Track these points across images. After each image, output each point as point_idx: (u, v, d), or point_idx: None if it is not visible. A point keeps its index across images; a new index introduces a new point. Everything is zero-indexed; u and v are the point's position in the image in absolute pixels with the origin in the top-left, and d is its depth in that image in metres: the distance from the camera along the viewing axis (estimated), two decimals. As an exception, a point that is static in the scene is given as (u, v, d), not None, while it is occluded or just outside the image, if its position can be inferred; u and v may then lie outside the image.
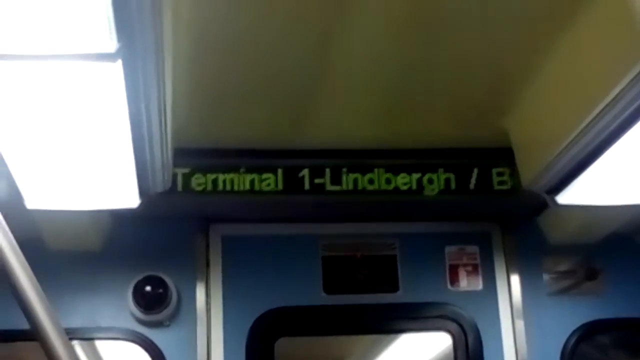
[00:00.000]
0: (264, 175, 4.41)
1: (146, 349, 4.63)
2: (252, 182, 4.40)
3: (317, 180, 4.45)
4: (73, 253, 4.61)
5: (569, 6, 3.21)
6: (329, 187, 4.46)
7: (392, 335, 5.54)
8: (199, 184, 4.38)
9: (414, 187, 4.50)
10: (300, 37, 3.41)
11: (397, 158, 4.50)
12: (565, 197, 4.03)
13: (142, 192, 3.74)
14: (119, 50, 2.43)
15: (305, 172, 4.45)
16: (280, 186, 4.43)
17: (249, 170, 4.41)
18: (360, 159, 4.48)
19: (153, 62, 2.63)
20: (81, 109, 2.93)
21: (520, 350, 4.78)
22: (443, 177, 4.52)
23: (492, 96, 3.99)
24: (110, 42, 2.39)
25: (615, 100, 3.14)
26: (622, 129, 3.33)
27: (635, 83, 2.98)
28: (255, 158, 4.43)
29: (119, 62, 2.51)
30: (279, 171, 4.43)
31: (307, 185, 4.44)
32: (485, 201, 4.65)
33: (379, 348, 5.96)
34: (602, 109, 3.24)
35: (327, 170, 4.46)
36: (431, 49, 3.56)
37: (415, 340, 5.49)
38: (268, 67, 3.64)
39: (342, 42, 3.46)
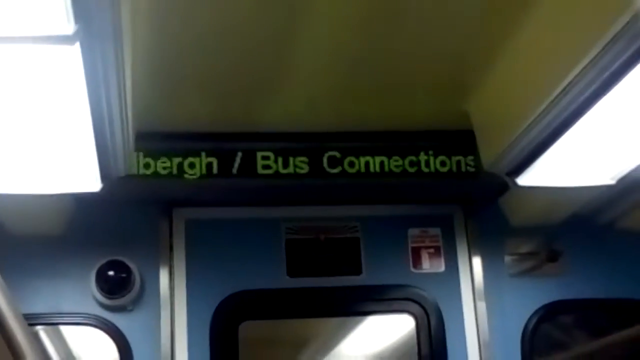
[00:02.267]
0: (226, 159, 4.41)
1: (109, 334, 4.61)
2: (214, 165, 4.39)
3: (279, 164, 4.45)
4: (35, 238, 4.57)
5: None
6: (291, 170, 4.46)
7: (357, 318, 5.56)
8: (162, 168, 4.36)
9: (377, 169, 4.51)
10: (259, 22, 3.41)
11: (357, 141, 4.50)
12: (526, 179, 4.07)
13: (104, 176, 3.73)
14: (76, 33, 2.42)
15: (267, 155, 4.44)
16: (242, 170, 4.42)
17: (210, 154, 4.39)
18: (321, 142, 4.48)
19: (111, 45, 2.62)
20: (40, 93, 2.91)
21: (482, 331, 4.81)
22: (404, 160, 4.53)
23: (453, 79, 4.01)
24: (67, 24, 2.38)
25: (574, 81, 3.17)
26: (581, 110, 3.36)
27: (594, 65, 3.02)
28: (218, 141, 4.41)
29: (77, 45, 2.49)
30: (241, 154, 4.42)
31: (268, 169, 4.44)
32: (447, 184, 4.66)
33: (345, 331, 5.97)
34: (561, 91, 3.27)
35: (290, 154, 4.46)
36: (391, 34, 3.57)
37: (380, 322, 5.51)
38: (228, 51, 3.63)
39: (302, 27, 3.46)
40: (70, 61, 2.62)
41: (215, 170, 4.39)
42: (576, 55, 3.07)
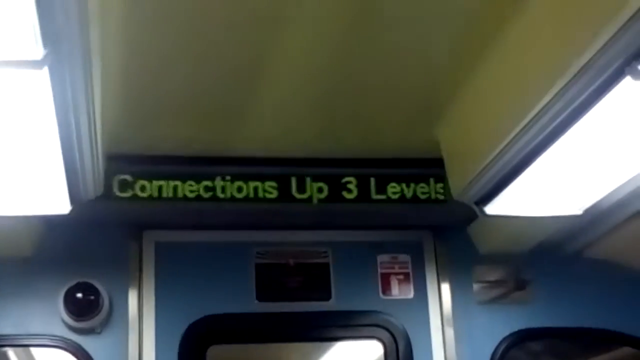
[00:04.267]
0: (197, 183, 4.42)
1: (77, 356, 4.58)
2: (185, 189, 4.41)
3: (249, 188, 4.46)
4: (4, 259, 4.55)
5: (498, 18, 3.28)
6: (261, 195, 4.48)
7: (326, 343, 5.56)
8: (132, 191, 4.37)
9: (347, 195, 4.54)
10: (232, 47, 3.43)
11: (328, 167, 4.53)
12: (494, 208, 4.09)
13: (73, 199, 3.72)
14: (45, 58, 2.43)
15: (238, 180, 4.46)
16: (213, 193, 4.44)
17: (181, 177, 4.41)
18: (293, 167, 4.51)
19: (80, 69, 2.63)
20: (8, 116, 2.91)
21: (450, 358, 4.82)
22: (374, 186, 4.57)
23: (423, 107, 4.05)
24: (36, 49, 2.39)
25: (542, 112, 3.20)
26: (548, 141, 3.39)
27: (561, 96, 3.05)
28: (189, 165, 4.43)
29: (45, 70, 2.50)
30: (213, 178, 4.44)
31: (239, 193, 4.46)
32: (417, 211, 4.70)
33: (313, 356, 5.97)
34: (528, 122, 3.30)
35: (260, 178, 4.49)
36: (364, 61, 3.60)
37: (350, 348, 5.51)
38: (201, 74, 3.65)
39: (275, 54, 3.49)
40: (39, 85, 2.63)
41: (187, 193, 4.40)
42: (543, 86, 3.11)
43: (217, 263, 4.83)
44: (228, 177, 4.47)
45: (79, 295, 4.58)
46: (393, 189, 4.56)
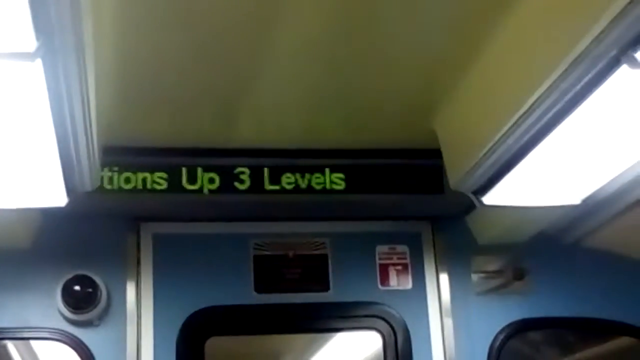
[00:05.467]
0: (195, 174, 4.42)
1: (75, 349, 4.58)
2: (182, 180, 4.40)
3: (247, 180, 4.47)
4: (1, 251, 4.54)
5: (495, 7, 3.27)
6: (260, 187, 4.48)
7: (324, 335, 5.56)
8: (128, 183, 4.36)
9: (344, 186, 4.54)
10: (225, 39, 3.42)
11: (325, 158, 4.53)
12: (492, 198, 4.09)
13: (70, 191, 3.71)
14: (38, 50, 2.41)
15: (236, 172, 4.47)
16: (211, 185, 4.44)
17: (179, 169, 4.41)
18: (289, 158, 4.52)
19: (74, 60, 2.61)
20: (4, 108, 2.90)
21: (448, 349, 4.83)
22: (372, 177, 4.56)
23: (420, 98, 4.05)
24: (29, 41, 2.38)
25: (539, 102, 3.20)
26: (546, 130, 3.39)
27: (558, 85, 3.04)
28: (186, 157, 4.43)
29: (39, 61, 2.49)
30: (210, 170, 4.43)
31: (238, 185, 4.46)
32: (415, 201, 4.71)
33: (312, 348, 5.97)
34: (526, 111, 3.30)
35: (258, 170, 4.50)
36: (361, 50, 3.59)
37: (349, 339, 5.51)
38: (195, 66, 3.64)
39: (269, 43, 3.48)
40: (32, 77, 2.61)
41: (182, 185, 4.40)
42: (541, 75, 3.10)
43: (215, 255, 4.83)
44: (225, 169, 4.46)
45: (77, 287, 4.58)
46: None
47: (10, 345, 5.45)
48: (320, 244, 4.94)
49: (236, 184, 4.47)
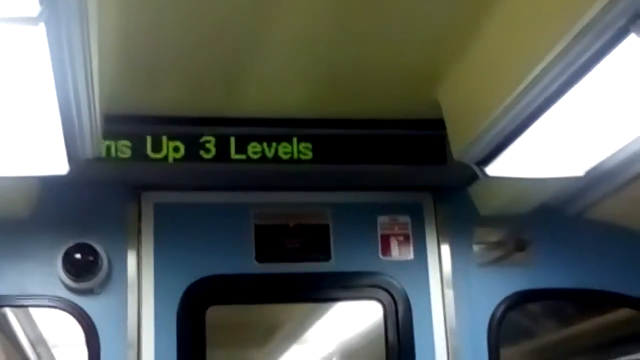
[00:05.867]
0: (196, 143, 4.41)
1: (76, 317, 4.59)
2: (183, 149, 4.39)
3: (248, 149, 4.45)
4: (1, 219, 4.53)
5: None
6: (260, 156, 4.46)
7: (325, 304, 5.57)
8: (130, 151, 4.35)
9: (347, 157, 4.53)
10: (230, 6, 3.40)
11: (328, 128, 4.52)
12: (495, 169, 4.08)
13: (71, 159, 3.69)
14: (41, 14, 2.39)
15: (236, 141, 4.44)
16: (212, 154, 4.42)
17: (180, 138, 4.39)
18: (291, 128, 4.50)
19: (77, 26, 2.59)
20: (5, 74, 2.88)
21: (449, 319, 4.83)
22: (373, 146, 4.55)
23: (423, 68, 4.02)
24: (32, 5, 2.36)
25: (543, 72, 3.18)
26: (550, 101, 3.37)
27: (563, 56, 3.02)
28: (188, 125, 4.41)
29: (42, 26, 2.47)
30: (211, 139, 4.42)
31: (239, 154, 4.44)
32: (416, 171, 4.69)
33: (313, 317, 5.99)
34: (530, 82, 3.28)
35: (258, 139, 4.48)
36: (364, 19, 3.57)
37: (350, 309, 5.52)
38: (200, 34, 3.62)
39: (274, 13, 3.46)
40: (35, 42, 2.59)
41: (184, 154, 4.39)
42: (545, 45, 3.08)
43: (216, 224, 4.82)
44: (228, 138, 4.44)
45: (78, 256, 4.57)
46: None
47: (10, 314, 5.46)
48: (321, 214, 4.93)
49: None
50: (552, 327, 5.46)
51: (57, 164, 3.74)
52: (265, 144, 4.48)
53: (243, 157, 4.46)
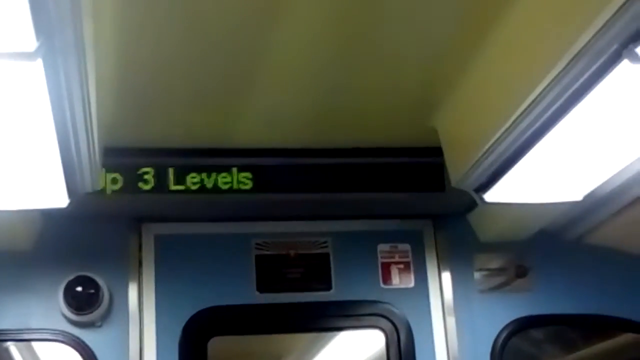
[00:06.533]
0: (196, 175, 4.42)
1: (78, 350, 4.58)
2: (183, 181, 4.41)
3: (246, 179, 4.47)
4: (2, 253, 4.55)
5: (495, 4, 3.26)
6: (259, 186, 4.48)
7: (327, 334, 5.56)
8: (130, 184, 4.36)
9: (346, 186, 4.54)
10: (227, 40, 3.42)
11: (326, 157, 4.53)
12: (493, 195, 4.08)
13: (71, 192, 3.70)
14: (38, 49, 2.41)
15: (234, 171, 4.46)
16: (211, 185, 4.44)
17: (179, 169, 4.41)
18: (288, 158, 4.53)
19: (75, 61, 2.61)
20: (4, 109, 2.89)
21: (451, 347, 4.82)
22: (373, 175, 4.57)
23: (421, 96, 4.04)
24: (29, 41, 2.37)
25: (539, 98, 3.19)
26: (546, 127, 3.38)
27: (559, 80, 3.03)
28: (187, 157, 4.43)
29: (39, 61, 2.48)
30: (210, 170, 4.44)
31: (237, 184, 4.46)
32: (416, 199, 4.71)
33: (315, 346, 5.97)
34: (526, 108, 3.29)
35: (257, 169, 4.49)
36: (361, 49, 3.59)
37: (352, 338, 5.51)
38: (196, 68, 3.64)
39: (270, 45, 3.48)
40: (33, 77, 2.61)
41: (185, 185, 4.41)
42: (542, 71, 3.10)
43: (217, 255, 4.83)
44: (227, 169, 4.46)
45: (79, 288, 4.58)
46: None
47: (13, 348, 5.44)
48: (321, 243, 4.94)
49: (237, 185, 4.47)
50: (555, 353, 5.44)
51: (57, 197, 3.74)
52: (261, 175, 4.51)
53: (244, 187, 4.48)
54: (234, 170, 4.49)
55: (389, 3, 3.24)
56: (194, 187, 4.45)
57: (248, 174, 4.50)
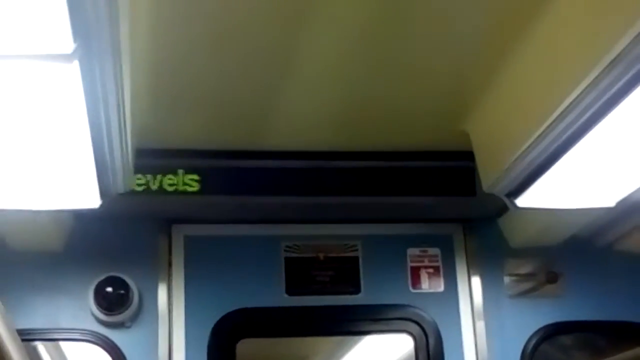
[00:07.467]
0: (226, 176, 4.43)
1: (107, 350, 4.60)
2: (213, 182, 4.41)
3: (280, 182, 4.47)
4: (34, 253, 4.58)
5: (530, 8, 3.24)
6: (292, 189, 4.48)
7: (355, 337, 5.55)
8: (161, 185, 4.37)
9: (376, 189, 4.53)
10: (260, 40, 3.42)
11: (355, 160, 4.53)
12: (525, 200, 4.05)
13: (103, 193, 3.72)
14: (75, 51, 2.42)
15: (268, 173, 4.46)
16: (243, 187, 4.45)
17: (210, 171, 4.41)
18: (319, 160, 4.51)
19: (110, 63, 2.62)
20: (40, 109, 2.91)
21: (481, 352, 4.80)
22: (404, 179, 4.55)
23: (453, 100, 4.02)
24: (66, 43, 2.38)
25: (574, 104, 3.16)
26: (580, 132, 3.35)
27: (593, 87, 3.01)
28: (218, 159, 4.43)
29: (76, 63, 2.50)
30: (241, 172, 4.44)
31: (270, 187, 4.46)
32: (446, 203, 4.69)
33: (344, 349, 5.97)
34: (560, 113, 3.26)
35: (287, 172, 4.49)
36: (393, 55, 3.58)
37: (379, 342, 5.50)
38: (229, 68, 3.64)
39: (301, 47, 3.48)
40: (69, 78, 2.62)
41: (214, 187, 4.41)
42: (576, 76, 3.07)
43: (246, 257, 4.84)
44: (257, 171, 4.46)
45: (109, 289, 4.60)
46: (424, 182, 4.52)
47: (42, 347, 5.47)
48: (351, 246, 4.93)
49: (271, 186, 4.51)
50: (584, 360, 5.41)
51: (89, 198, 3.77)
52: (292, 176, 4.51)
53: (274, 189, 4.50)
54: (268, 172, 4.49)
55: (420, 11, 3.24)
56: (220, 189, 4.46)
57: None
